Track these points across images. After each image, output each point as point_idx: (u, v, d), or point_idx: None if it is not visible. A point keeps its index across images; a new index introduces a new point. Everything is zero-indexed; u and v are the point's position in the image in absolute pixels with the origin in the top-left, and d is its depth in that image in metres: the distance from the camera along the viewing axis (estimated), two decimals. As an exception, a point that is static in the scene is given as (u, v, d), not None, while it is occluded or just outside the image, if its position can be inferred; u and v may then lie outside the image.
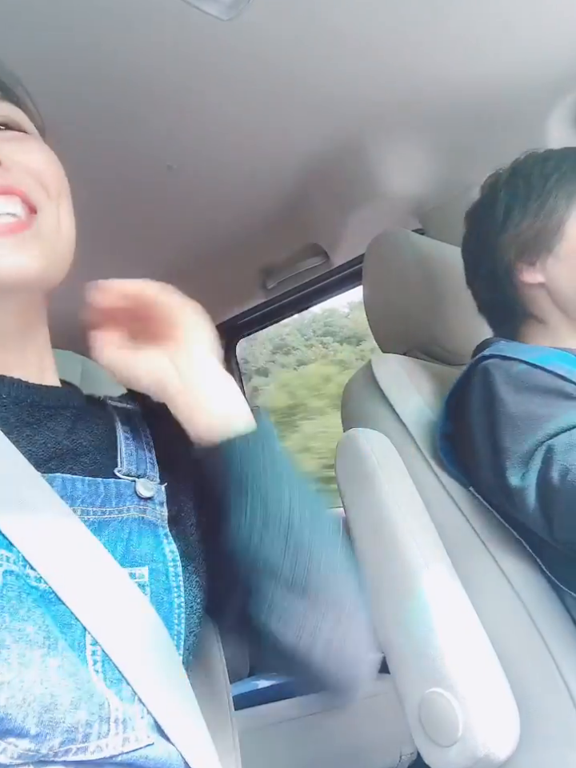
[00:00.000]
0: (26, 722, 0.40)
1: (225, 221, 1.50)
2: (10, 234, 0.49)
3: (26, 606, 0.43)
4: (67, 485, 0.50)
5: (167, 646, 0.49)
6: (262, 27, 0.92)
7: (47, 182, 0.52)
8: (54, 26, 0.90)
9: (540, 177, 0.85)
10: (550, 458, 0.67)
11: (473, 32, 0.96)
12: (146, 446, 0.58)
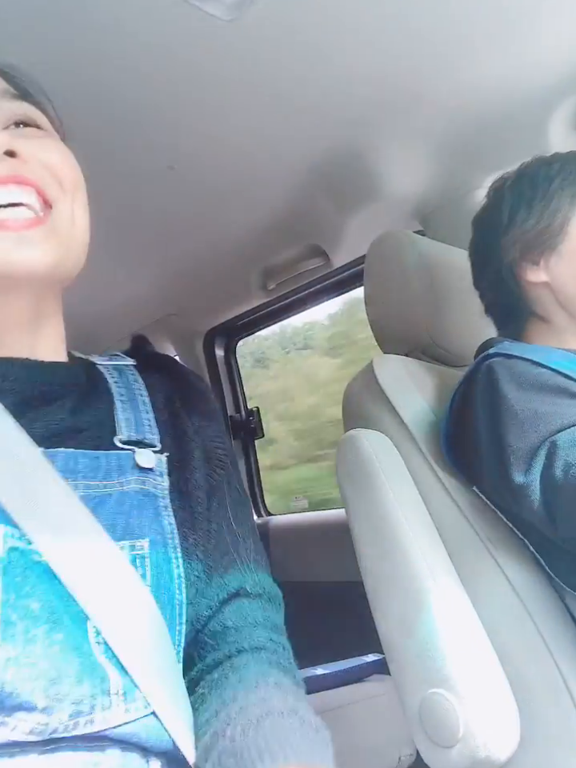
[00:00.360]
0: (33, 696, 0.40)
1: (225, 221, 1.50)
2: (24, 229, 0.49)
3: (30, 582, 0.43)
4: (69, 460, 0.50)
5: (158, 623, 0.49)
6: (264, 28, 0.92)
7: (62, 176, 0.53)
8: (54, 27, 0.90)
9: (545, 178, 0.86)
10: (553, 454, 0.68)
11: (473, 35, 0.97)
12: (142, 406, 0.58)
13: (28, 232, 0.49)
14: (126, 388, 0.59)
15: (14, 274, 0.49)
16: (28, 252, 0.49)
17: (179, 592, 0.52)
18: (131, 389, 0.59)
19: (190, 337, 1.95)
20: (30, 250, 0.49)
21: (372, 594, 0.83)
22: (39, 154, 0.52)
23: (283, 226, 1.50)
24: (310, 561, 1.76)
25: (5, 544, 0.43)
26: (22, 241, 0.49)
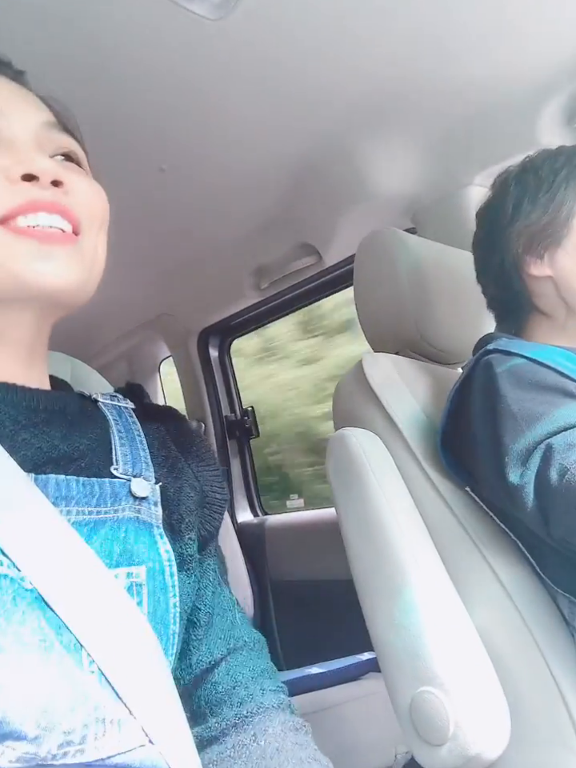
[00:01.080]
0: (23, 725, 0.40)
1: (217, 221, 1.50)
2: (58, 244, 0.50)
3: (20, 609, 0.43)
4: (61, 486, 0.50)
5: (154, 651, 0.49)
6: (251, 27, 0.92)
7: (95, 214, 0.55)
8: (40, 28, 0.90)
9: (550, 171, 0.86)
10: (548, 456, 0.67)
11: (462, 34, 0.97)
12: (139, 445, 0.59)
13: (53, 247, 0.50)
14: (124, 426, 0.60)
15: (40, 287, 0.49)
16: (53, 265, 0.50)
17: (174, 622, 0.52)
18: (129, 428, 0.60)
19: (184, 336, 1.95)
20: (55, 264, 0.50)
21: (362, 592, 0.83)
22: (77, 188, 0.54)
23: (275, 226, 1.50)
24: (305, 559, 1.76)
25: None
26: (48, 253, 0.50)
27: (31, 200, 0.50)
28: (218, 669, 0.57)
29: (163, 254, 1.63)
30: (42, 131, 0.55)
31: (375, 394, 0.90)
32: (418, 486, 0.84)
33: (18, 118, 0.54)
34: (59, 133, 0.57)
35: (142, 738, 0.45)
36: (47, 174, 0.51)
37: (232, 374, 2.03)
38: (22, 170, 0.50)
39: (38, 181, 0.51)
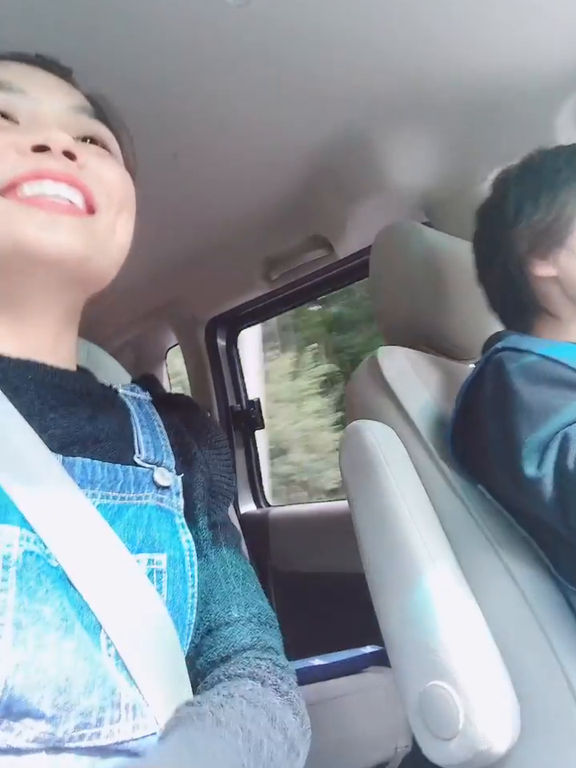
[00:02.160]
0: (41, 704, 0.40)
1: (229, 211, 1.49)
2: (63, 214, 0.50)
3: (44, 587, 0.43)
4: (87, 469, 0.50)
5: (171, 638, 0.49)
6: (271, 15, 0.91)
7: (113, 193, 0.55)
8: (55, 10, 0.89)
9: (551, 171, 0.85)
10: (566, 446, 0.67)
11: (481, 25, 0.96)
12: (160, 435, 0.59)
13: (59, 216, 0.50)
14: (145, 416, 0.60)
15: (42, 256, 0.49)
16: (56, 235, 0.49)
17: (191, 612, 0.52)
18: (150, 419, 0.60)
19: (193, 325, 1.94)
20: (58, 234, 0.49)
21: (374, 585, 0.82)
22: (96, 167, 0.54)
23: (287, 216, 1.49)
24: (308, 552, 1.76)
25: (20, 547, 0.43)
26: (53, 223, 0.49)
27: (37, 168, 0.50)
28: (198, 650, 0.55)
29: (173, 241, 1.62)
30: (68, 114, 0.55)
31: (390, 386, 0.90)
32: (432, 479, 0.84)
33: (46, 100, 0.54)
34: (89, 118, 0.57)
35: (155, 725, 0.45)
36: (58, 143, 0.51)
37: (239, 365, 2.02)
38: (31, 142, 0.50)
39: (49, 152, 0.50)
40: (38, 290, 0.52)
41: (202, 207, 1.48)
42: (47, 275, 0.51)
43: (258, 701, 0.48)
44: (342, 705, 1.39)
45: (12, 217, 0.49)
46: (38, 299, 0.53)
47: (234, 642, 0.55)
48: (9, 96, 0.53)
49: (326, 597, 1.64)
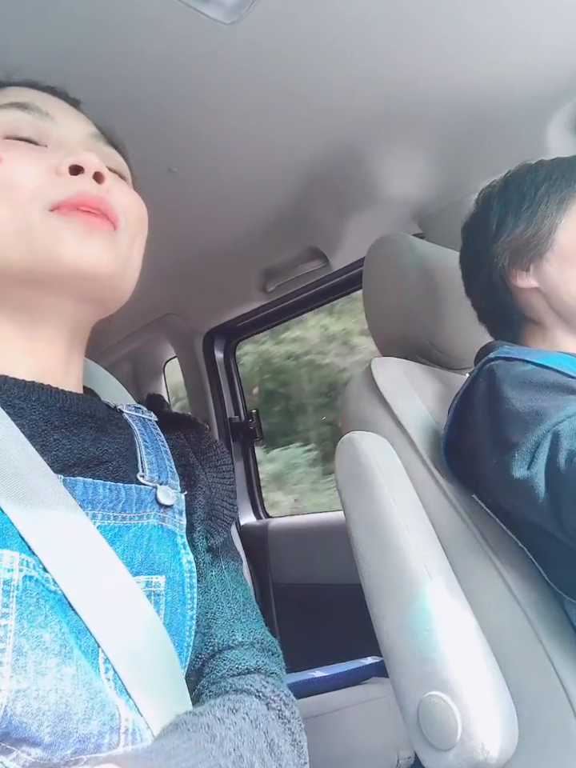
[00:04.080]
0: (40, 731, 0.40)
1: (225, 224, 1.50)
2: (99, 227, 0.53)
3: (43, 612, 0.43)
4: (89, 489, 0.50)
5: (171, 659, 0.49)
6: (264, 32, 0.93)
7: (131, 218, 0.58)
8: (53, 29, 0.90)
9: (532, 185, 0.87)
10: (556, 444, 0.67)
11: (473, 38, 0.97)
12: (164, 455, 0.59)
13: (94, 229, 0.52)
14: (149, 437, 0.60)
15: (78, 269, 0.51)
16: (92, 248, 0.52)
17: (189, 635, 0.52)
18: (154, 439, 0.61)
19: (190, 337, 1.95)
20: (94, 247, 0.52)
21: (370, 597, 0.83)
22: (118, 192, 0.57)
23: (282, 229, 1.50)
24: (308, 563, 1.76)
25: (20, 572, 0.43)
26: (89, 235, 0.52)
27: (78, 192, 0.52)
28: (203, 671, 0.55)
29: (170, 254, 1.63)
30: (89, 140, 0.59)
31: (384, 397, 0.90)
32: (427, 489, 0.84)
33: (70, 125, 0.58)
34: (105, 145, 0.60)
35: None
36: (91, 165, 0.53)
37: (237, 376, 2.03)
38: (68, 162, 0.53)
39: (83, 173, 0.53)
40: (60, 302, 0.54)
41: (198, 221, 1.49)
42: (75, 289, 0.53)
43: (259, 722, 0.48)
44: (343, 717, 1.38)
45: (55, 233, 0.51)
46: (57, 312, 0.54)
47: (238, 664, 0.55)
48: (38, 119, 0.56)
49: (327, 608, 1.63)
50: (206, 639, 0.55)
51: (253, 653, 0.56)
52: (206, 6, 0.87)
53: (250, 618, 0.59)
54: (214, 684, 0.53)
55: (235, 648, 0.56)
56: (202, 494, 0.59)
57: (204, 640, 0.55)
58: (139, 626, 0.47)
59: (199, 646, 0.55)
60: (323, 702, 1.40)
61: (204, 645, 0.55)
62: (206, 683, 0.54)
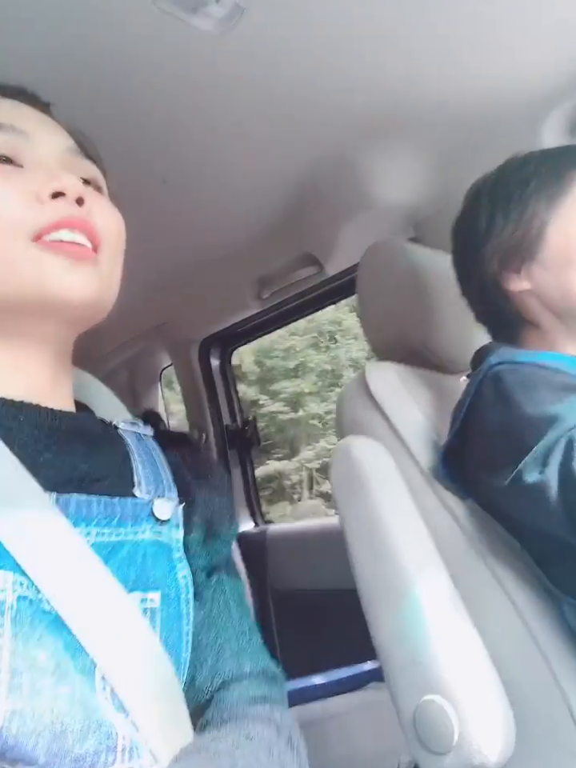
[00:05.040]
0: (35, 750, 0.40)
1: (219, 231, 1.51)
2: (84, 259, 0.53)
3: (38, 632, 0.43)
4: (82, 506, 0.50)
5: (169, 676, 0.49)
6: (254, 42, 0.93)
7: (111, 236, 0.57)
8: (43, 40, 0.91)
9: (519, 182, 0.84)
10: (571, 449, 0.65)
11: (465, 43, 0.97)
12: (160, 468, 0.59)
13: (80, 261, 0.52)
14: (144, 451, 0.60)
15: (65, 299, 0.51)
16: (79, 278, 0.52)
17: (185, 650, 0.52)
18: (149, 453, 0.60)
19: (186, 345, 1.95)
20: (81, 277, 0.52)
21: (366, 601, 0.83)
22: (97, 211, 0.56)
23: (277, 236, 1.51)
24: (307, 569, 1.76)
25: (13, 593, 0.43)
26: (75, 267, 0.52)
27: (60, 218, 0.52)
28: (211, 703, 0.55)
29: (165, 263, 1.64)
30: (66, 156, 0.58)
31: (378, 402, 0.90)
32: (422, 494, 0.85)
33: (46, 141, 0.57)
34: (82, 159, 0.59)
35: (151, 766, 0.45)
36: (73, 190, 0.53)
37: (233, 383, 2.03)
38: (50, 189, 0.52)
39: (64, 197, 0.53)
40: (40, 329, 0.54)
41: (192, 229, 1.50)
42: (62, 318, 0.54)
43: (272, 749, 0.49)
44: (343, 722, 1.38)
45: (39, 262, 0.51)
46: (38, 338, 0.54)
47: (247, 693, 0.55)
48: (12, 138, 0.55)
49: (325, 614, 1.63)
50: (216, 671, 0.56)
51: (259, 682, 0.57)
52: (196, 18, 0.88)
53: (255, 647, 0.60)
54: (225, 712, 0.54)
55: (244, 679, 0.57)
56: (197, 514, 0.59)
57: (213, 672, 0.56)
58: (135, 644, 0.47)
59: (207, 678, 0.56)
60: (323, 707, 1.40)
61: (213, 677, 0.56)
62: (215, 712, 0.54)
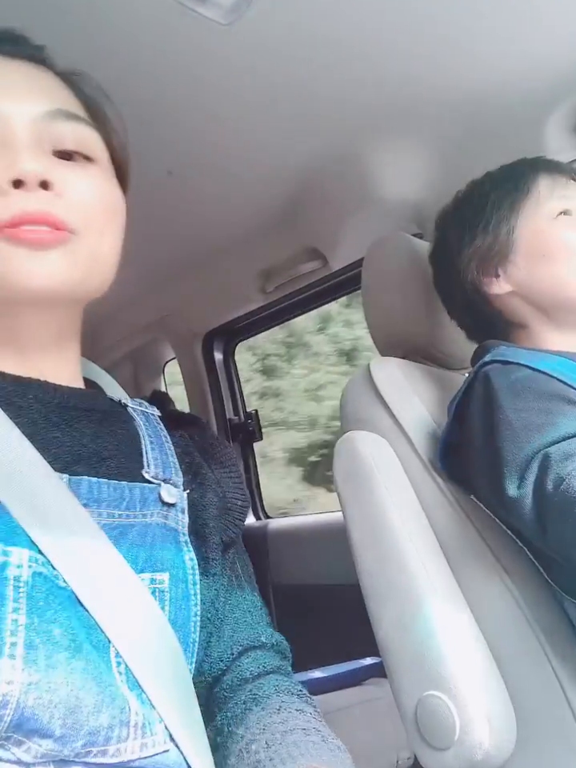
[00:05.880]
0: (51, 723, 0.40)
1: (224, 225, 1.50)
2: (50, 246, 0.49)
3: (53, 608, 0.43)
4: (93, 488, 0.50)
5: (178, 655, 0.50)
6: (261, 32, 0.93)
7: (95, 214, 0.53)
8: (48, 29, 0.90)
9: (480, 197, 0.89)
10: (546, 466, 0.67)
11: (470, 39, 0.97)
12: (168, 451, 0.59)
13: (45, 250, 0.49)
14: (153, 431, 0.60)
15: (29, 287, 0.49)
16: (44, 267, 0.49)
17: (194, 631, 0.53)
18: (158, 434, 0.60)
19: (189, 338, 1.95)
20: (46, 266, 0.49)
21: (369, 596, 0.83)
22: (74, 189, 0.52)
23: (281, 229, 1.50)
24: (308, 563, 1.76)
25: (29, 568, 0.43)
26: (39, 256, 0.49)
27: (18, 214, 0.48)
28: (230, 669, 0.57)
29: (169, 255, 1.63)
30: (42, 123, 0.52)
31: (382, 397, 0.90)
32: (425, 488, 0.84)
33: (19, 111, 0.52)
34: (67, 122, 0.53)
35: (165, 743, 0.46)
36: (33, 176, 0.49)
37: (236, 377, 2.03)
38: (7, 177, 0.49)
39: (26, 186, 0.49)
40: (31, 314, 0.53)
41: (197, 222, 1.50)
42: (39, 304, 0.52)
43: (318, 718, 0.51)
44: (342, 717, 1.38)
45: (4, 253, 0.48)
46: (33, 320, 0.53)
47: (264, 663, 0.57)
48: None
49: (326, 608, 1.63)
50: (234, 641, 0.57)
51: (273, 654, 0.59)
52: (204, 7, 0.87)
53: (266, 621, 0.61)
54: (242, 682, 0.55)
55: (259, 648, 0.58)
56: (212, 490, 0.59)
57: (230, 642, 0.57)
58: (146, 622, 0.48)
59: (225, 649, 0.56)
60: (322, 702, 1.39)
61: (231, 646, 0.57)
62: (234, 679, 0.55)
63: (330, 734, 0.49)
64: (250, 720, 0.50)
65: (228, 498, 0.61)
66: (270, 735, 0.47)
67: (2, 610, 0.41)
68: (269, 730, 0.48)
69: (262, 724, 0.49)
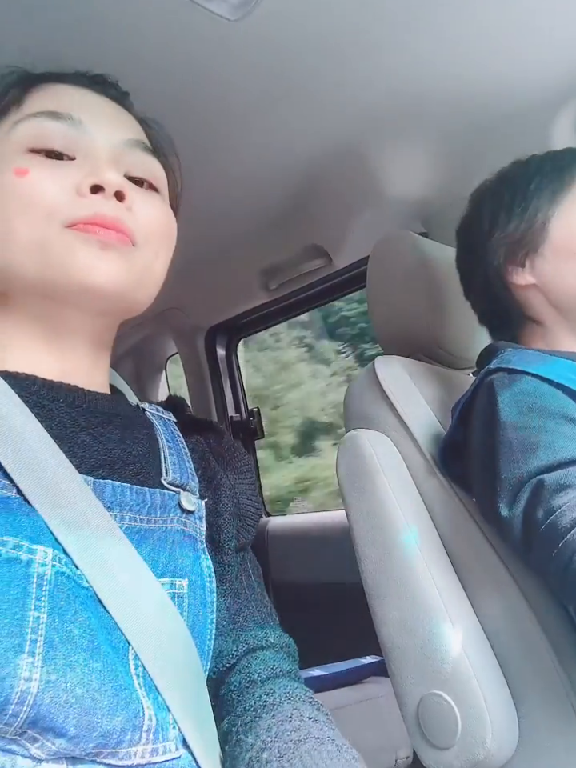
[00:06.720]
0: (66, 722, 0.41)
1: (228, 221, 1.50)
2: (114, 247, 0.53)
3: (73, 608, 0.44)
4: (117, 492, 0.51)
5: (195, 660, 0.50)
6: (269, 28, 0.92)
7: (153, 233, 0.57)
8: (56, 24, 0.90)
9: (522, 180, 0.86)
10: (538, 494, 0.67)
11: (476, 37, 0.97)
12: (185, 457, 0.60)
13: (109, 250, 0.52)
14: (170, 437, 0.61)
15: (87, 281, 0.51)
16: (106, 265, 0.52)
17: (210, 638, 0.53)
18: (175, 440, 0.61)
19: (192, 333, 1.95)
20: (106, 264, 0.52)
21: (371, 594, 0.82)
22: (141, 210, 0.56)
23: (285, 226, 1.50)
24: (308, 562, 1.76)
25: (53, 568, 0.44)
26: (104, 255, 0.52)
27: (94, 214, 0.52)
28: (236, 668, 0.57)
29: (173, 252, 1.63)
30: (122, 148, 0.57)
31: (387, 396, 0.90)
32: (429, 487, 0.84)
33: (102, 133, 0.56)
34: (141, 152, 0.59)
35: (176, 750, 0.46)
36: (112, 185, 0.53)
37: (238, 374, 2.02)
38: (89, 183, 0.52)
39: (103, 192, 0.53)
40: (76, 314, 0.54)
41: (201, 218, 1.49)
42: (89, 303, 0.53)
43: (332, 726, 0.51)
44: (341, 716, 1.37)
45: (71, 246, 0.51)
46: (75, 323, 0.55)
47: (273, 665, 0.57)
48: (68, 128, 0.55)
49: (326, 607, 1.63)
50: (242, 639, 0.57)
51: (282, 656, 0.59)
52: (211, 3, 0.87)
53: (275, 623, 0.62)
54: (250, 684, 0.55)
55: (267, 649, 0.58)
56: (227, 496, 0.60)
57: (238, 640, 0.57)
58: (165, 626, 0.48)
59: (233, 645, 0.57)
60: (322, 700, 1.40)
61: (239, 644, 0.57)
62: (242, 680, 0.55)
63: (344, 743, 0.49)
64: (260, 728, 0.50)
65: (242, 505, 0.62)
66: (283, 744, 0.47)
67: (25, 607, 0.41)
68: (281, 739, 0.47)
69: (273, 732, 0.49)
